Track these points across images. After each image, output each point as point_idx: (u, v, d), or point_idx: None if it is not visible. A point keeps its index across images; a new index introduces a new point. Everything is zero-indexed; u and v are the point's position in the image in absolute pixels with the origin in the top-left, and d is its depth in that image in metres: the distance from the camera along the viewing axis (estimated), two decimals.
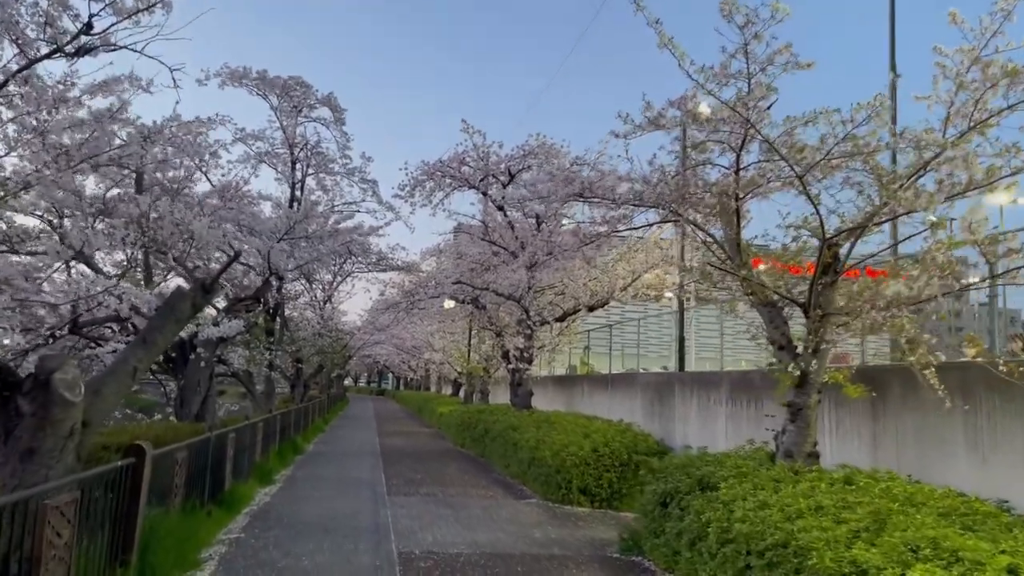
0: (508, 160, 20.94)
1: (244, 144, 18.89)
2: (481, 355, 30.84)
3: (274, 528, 9.91)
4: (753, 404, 11.97)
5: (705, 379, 13.79)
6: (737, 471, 8.12)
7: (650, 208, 9.52)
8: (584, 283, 19.15)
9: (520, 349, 20.95)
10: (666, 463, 9.34)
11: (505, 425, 17.69)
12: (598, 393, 19.94)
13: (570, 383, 23.28)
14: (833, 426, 9.90)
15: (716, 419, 13.13)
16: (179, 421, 13.82)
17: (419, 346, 44.16)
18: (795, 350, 8.70)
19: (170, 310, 6.59)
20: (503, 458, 16.99)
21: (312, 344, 27.07)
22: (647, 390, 16.46)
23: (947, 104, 7.59)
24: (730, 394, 12.65)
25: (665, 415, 15.44)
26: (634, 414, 16.87)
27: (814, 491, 7.07)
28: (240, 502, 11.22)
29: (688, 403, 14.40)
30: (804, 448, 8.36)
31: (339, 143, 19.29)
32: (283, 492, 13.14)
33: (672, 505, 8.31)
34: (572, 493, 12.85)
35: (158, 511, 7.24)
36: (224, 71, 18.09)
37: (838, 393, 9.22)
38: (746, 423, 12.12)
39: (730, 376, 12.81)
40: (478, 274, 21.16)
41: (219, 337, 13.56)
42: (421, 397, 50.54)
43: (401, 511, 11.59)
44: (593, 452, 13.11)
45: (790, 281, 8.92)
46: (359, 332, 37.86)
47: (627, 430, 14.44)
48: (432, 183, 21.31)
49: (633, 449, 13.30)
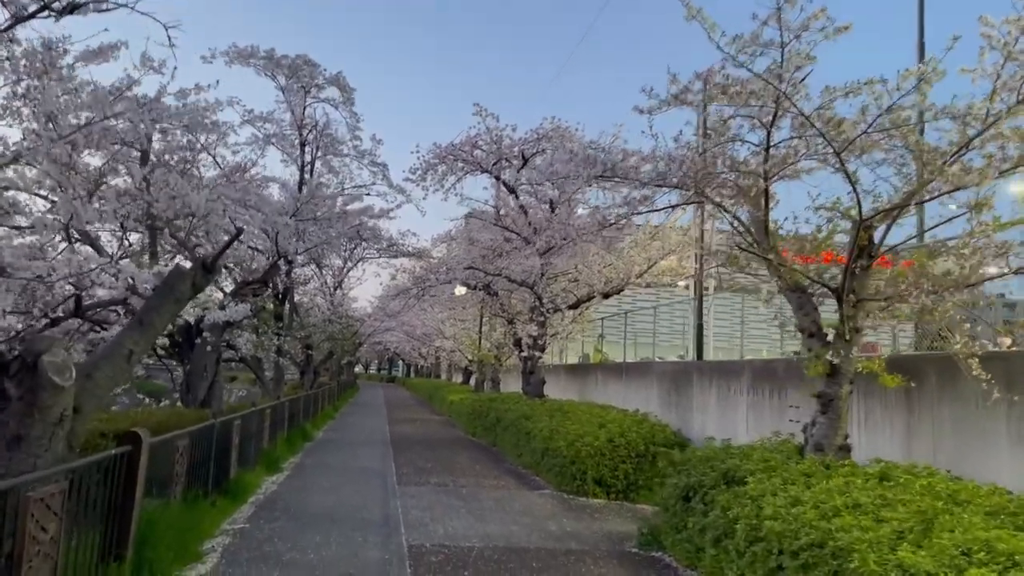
0: (522, 143, 20.47)
1: (252, 126, 18.55)
2: (492, 343, 30.48)
3: (280, 518, 9.59)
4: (776, 394, 11.55)
5: (725, 368, 13.37)
6: (765, 465, 7.71)
7: (673, 189, 9.08)
8: (599, 269, 18.70)
9: (532, 337, 20.56)
10: (688, 455, 8.94)
11: (517, 414, 17.34)
12: (612, 382, 19.55)
13: (583, 372, 22.89)
14: (862, 417, 9.47)
15: (736, 409, 12.72)
16: (185, 407, 13.52)
17: (429, 333, 43.85)
18: (825, 338, 8.28)
19: (168, 290, 6.22)
20: (515, 448, 16.64)
21: (322, 330, 26.78)
22: (663, 379, 16.06)
23: (993, 77, 7.12)
24: (751, 383, 12.23)
25: (682, 405, 15.03)
26: (650, 404, 16.47)
27: (849, 487, 6.65)
28: (246, 491, 10.91)
29: (707, 393, 13.99)
30: (835, 441, 7.95)
31: (349, 124, 18.87)
32: (290, 480, 12.83)
33: (695, 499, 7.92)
34: (587, 484, 12.47)
35: (158, 502, 6.91)
36: (231, 50, 17.68)
37: (868, 383, 8.79)
38: (768, 414, 11.70)
39: (751, 365, 12.38)
40: (490, 260, 20.76)
41: (225, 321, 13.24)
42: (432, 385, 50.31)
43: (411, 501, 11.25)
44: (609, 442, 12.73)
45: (820, 266, 8.48)
46: (369, 319, 37.61)
47: (643, 420, 14.04)
48: (444, 167, 20.89)
49: (650, 440, 12.90)
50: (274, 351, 19.88)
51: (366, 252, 26.43)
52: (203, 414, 10.44)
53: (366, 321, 36.90)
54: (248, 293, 13.64)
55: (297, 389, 27.21)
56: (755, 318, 17.12)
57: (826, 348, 8.07)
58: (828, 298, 8.43)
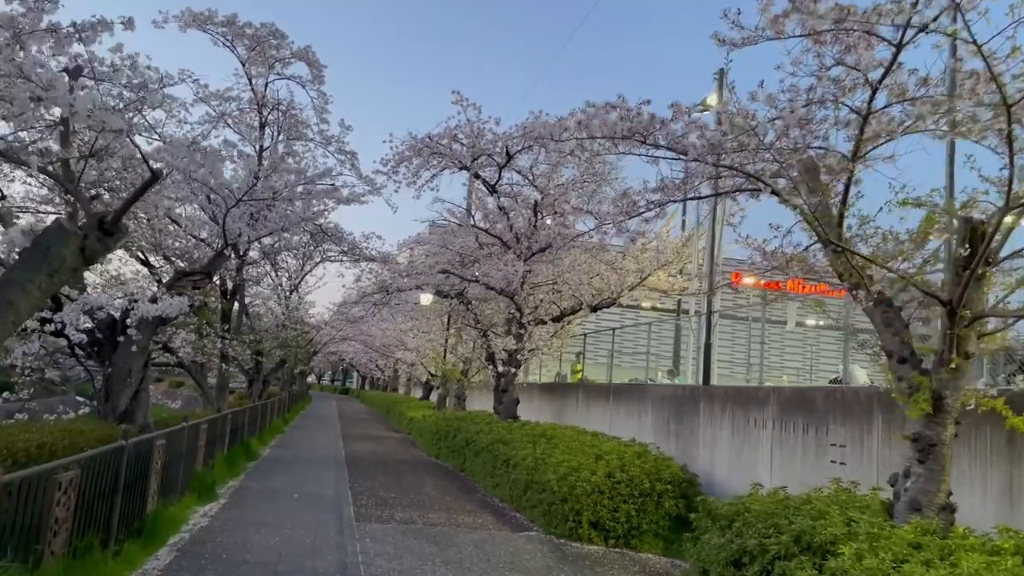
0: (506, 138, 18.55)
1: (207, 104, 16.37)
2: (458, 357, 28.34)
3: (206, 570, 7.46)
4: (812, 430, 9.78)
5: (743, 395, 11.58)
6: (849, 528, 5.89)
7: (722, 170, 7.26)
8: (589, 279, 16.80)
9: (509, 351, 18.61)
10: (738, 506, 7.06)
11: (493, 438, 15.33)
12: (597, 405, 17.67)
13: (562, 392, 20.97)
14: None
15: (757, 445, 10.93)
16: (103, 419, 11.27)
17: (389, 344, 41.55)
18: (919, 364, 6.51)
19: (42, 256, 4.18)
20: (490, 476, 14.61)
21: (274, 336, 24.45)
22: (661, 405, 14.24)
23: None
24: (780, 415, 10.45)
25: (684, 436, 13.21)
26: (643, 432, 14.63)
27: (990, 571, 4.86)
28: (167, 529, 8.73)
29: (717, 423, 12.19)
30: (936, 498, 6.15)
31: (316, 105, 16.71)
32: (227, 512, 10.66)
33: (754, 569, 6.06)
34: (582, 527, 10.54)
35: (13, 568, 4.78)
36: (185, 13, 15.51)
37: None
38: (801, 453, 9.93)
39: (779, 393, 10.61)
40: (466, 266, 18.80)
41: (158, 317, 11.06)
42: (389, 398, 47.84)
43: (374, 545, 9.18)
44: (608, 478, 10.83)
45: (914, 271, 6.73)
46: (327, 326, 35.23)
47: (644, 452, 12.15)
48: (419, 160, 18.90)
49: (655, 476, 11.03)
50: (218, 356, 17.60)
51: (327, 253, 24.27)
52: (112, 431, 8.26)
53: (323, 328, 34.51)
54: (188, 285, 11.47)
55: (244, 399, 24.81)
56: (779, 341, 15.44)
57: (921, 377, 6.30)
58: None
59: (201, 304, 13.13)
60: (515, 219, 18.88)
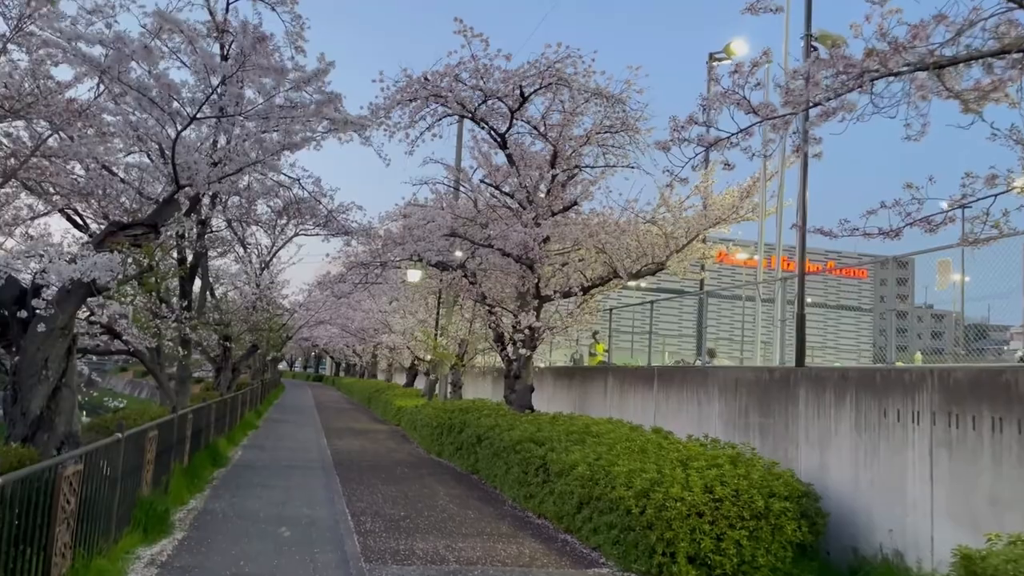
0: (520, 76, 15.51)
1: (157, 39, 13.10)
2: (451, 339, 25.26)
3: None
4: (1014, 427, 6.99)
5: (873, 379, 8.75)
6: None
7: None
8: (628, 240, 13.83)
9: (524, 330, 15.68)
10: None
11: (519, 435, 12.39)
12: (636, 392, 14.82)
13: (582, 377, 18.07)
14: None
15: (902, 448, 8.14)
16: (10, 428, 8.15)
17: (369, 327, 38.35)
18: None
19: None
20: (521, 486, 11.69)
21: (244, 319, 21.24)
22: (734, 392, 11.43)
23: None
24: (946, 405, 7.64)
25: (772, 432, 10.43)
26: (706, 426, 11.84)
27: None
28: None
29: (824, 416, 9.41)
30: None
31: (289, 31, 13.52)
32: (183, 558, 7.61)
33: None
34: (678, 564, 7.71)
35: None
36: None
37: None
38: (990, 468, 7.12)
39: (948, 376, 7.76)
40: (475, 230, 15.81)
41: (82, 285, 7.96)
42: (369, 386, 44.56)
43: None
44: (707, 494, 8.01)
45: None
46: (301, 308, 31.94)
47: (737, 456, 9.32)
48: (416, 103, 15.82)
49: (768, 491, 8.22)
50: (177, 341, 14.44)
51: (300, 228, 21.07)
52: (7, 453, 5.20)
53: (297, 311, 31.22)
54: (125, 242, 8.35)
55: (211, 391, 21.62)
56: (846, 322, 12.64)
57: None
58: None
59: (145, 269, 9.99)
60: (526, 176, 15.91)
